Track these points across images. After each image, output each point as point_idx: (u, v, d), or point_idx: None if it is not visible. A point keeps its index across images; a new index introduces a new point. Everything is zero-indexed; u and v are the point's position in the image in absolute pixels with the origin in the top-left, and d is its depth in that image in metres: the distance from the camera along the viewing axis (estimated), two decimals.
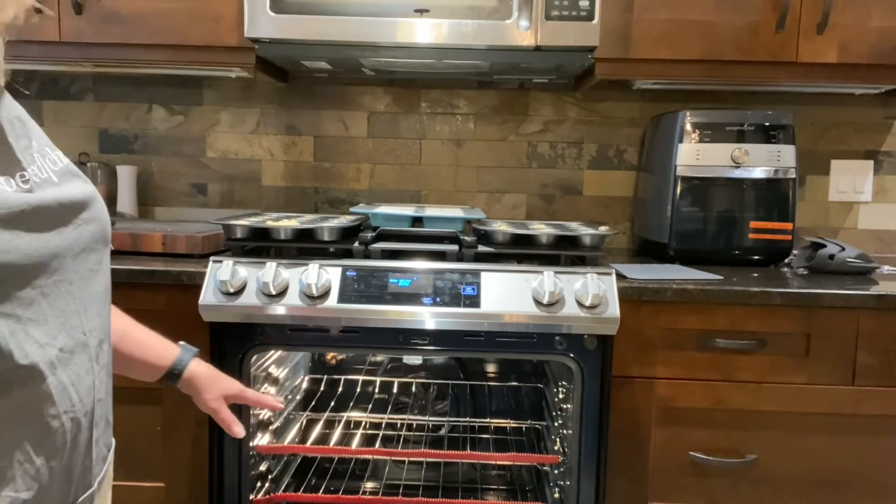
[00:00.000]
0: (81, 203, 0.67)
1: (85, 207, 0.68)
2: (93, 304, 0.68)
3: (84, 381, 0.65)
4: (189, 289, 1.40)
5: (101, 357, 0.69)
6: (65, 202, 0.64)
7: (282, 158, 2.09)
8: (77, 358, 0.64)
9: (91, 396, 0.67)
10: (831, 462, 1.44)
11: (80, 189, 0.68)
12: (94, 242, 0.69)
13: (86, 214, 0.67)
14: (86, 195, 0.68)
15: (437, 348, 1.43)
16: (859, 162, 2.03)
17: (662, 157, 1.80)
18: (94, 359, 0.67)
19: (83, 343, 0.65)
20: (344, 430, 1.84)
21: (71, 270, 0.64)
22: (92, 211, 0.69)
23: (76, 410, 0.63)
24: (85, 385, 0.65)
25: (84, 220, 0.67)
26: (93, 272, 0.69)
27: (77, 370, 0.64)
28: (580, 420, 1.42)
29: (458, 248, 1.48)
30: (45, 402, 0.60)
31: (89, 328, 0.67)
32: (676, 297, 1.40)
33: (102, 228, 0.71)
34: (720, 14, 1.64)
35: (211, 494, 1.46)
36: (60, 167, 0.66)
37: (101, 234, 0.71)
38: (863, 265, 1.60)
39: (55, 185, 0.64)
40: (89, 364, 0.66)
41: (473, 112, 2.07)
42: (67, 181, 0.66)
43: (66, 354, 0.62)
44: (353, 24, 1.57)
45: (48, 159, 0.65)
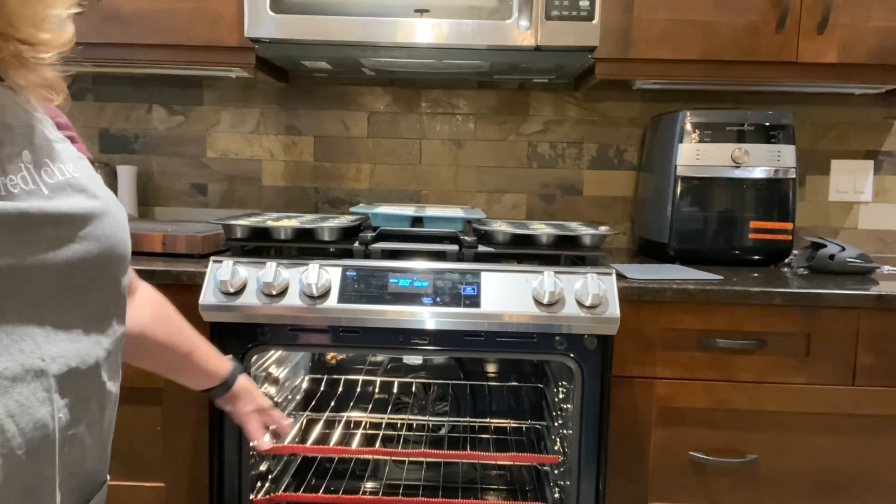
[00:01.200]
0: (73, 218, 0.62)
1: (80, 224, 0.63)
2: (72, 327, 0.62)
3: (32, 413, 0.57)
4: (189, 289, 1.40)
5: (70, 387, 0.61)
6: (46, 216, 0.59)
7: (282, 158, 2.09)
8: (22, 386, 0.56)
9: (44, 431, 0.58)
10: (831, 462, 1.44)
11: (79, 204, 0.63)
12: (88, 262, 0.63)
13: (82, 231, 0.63)
14: (85, 211, 0.63)
15: (437, 348, 1.43)
16: (859, 162, 2.03)
17: (662, 157, 1.80)
18: (53, 389, 0.59)
19: (37, 370, 0.58)
20: (344, 430, 1.84)
21: (37, 289, 0.58)
22: (92, 228, 0.64)
23: (11, 445, 0.55)
24: (33, 417, 0.57)
25: (77, 236, 0.62)
26: (81, 293, 0.63)
27: (20, 400, 0.56)
28: (580, 420, 1.42)
29: (459, 248, 1.48)
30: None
31: (51, 354, 0.59)
32: (676, 297, 1.40)
33: (106, 249, 0.66)
34: (720, 14, 1.64)
35: (211, 494, 1.46)
36: (58, 181, 0.62)
37: (101, 254, 0.65)
38: (863, 265, 1.60)
39: (42, 198, 0.60)
40: (45, 394, 0.58)
41: (473, 112, 2.07)
42: (64, 195, 0.62)
43: (6, 381, 0.55)
44: (353, 24, 1.57)
45: (44, 171, 0.61)
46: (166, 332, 0.97)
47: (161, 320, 0.97)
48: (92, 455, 0.67)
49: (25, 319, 0.57)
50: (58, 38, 0.63)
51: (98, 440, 0.68)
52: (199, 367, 1.05)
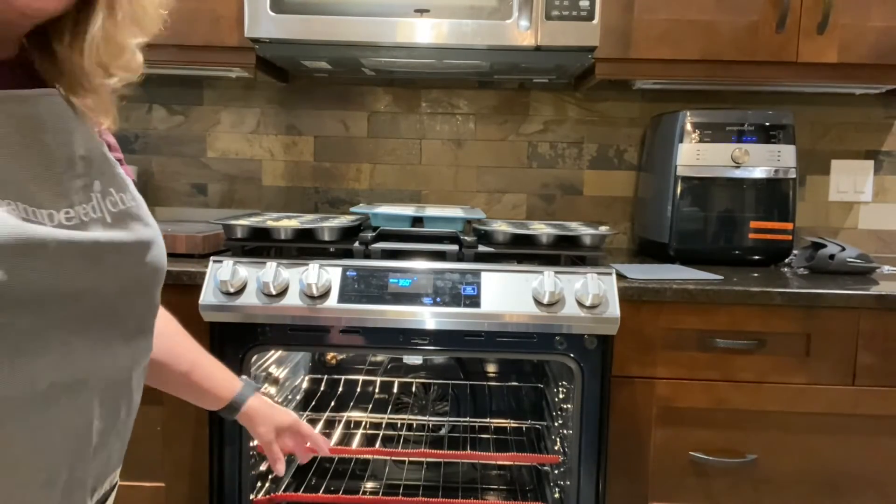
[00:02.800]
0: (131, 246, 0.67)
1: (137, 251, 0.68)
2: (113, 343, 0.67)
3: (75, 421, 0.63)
4: (189, 289, 1.40)
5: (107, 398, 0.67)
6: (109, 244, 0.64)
7: (282, 158, 2.09)
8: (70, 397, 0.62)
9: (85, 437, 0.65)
10: (831, 462, 1.44)
11: (137, 234, 0.68)
12: (139, 285, 0.69)
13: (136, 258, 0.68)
14: (142, 240, 0.68)
15: (437, 348, 1.43)
16: (859, 162, 2.03)
17: (663, 157, 1.80)
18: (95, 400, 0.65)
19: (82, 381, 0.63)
20: (344, 430, 1.84)
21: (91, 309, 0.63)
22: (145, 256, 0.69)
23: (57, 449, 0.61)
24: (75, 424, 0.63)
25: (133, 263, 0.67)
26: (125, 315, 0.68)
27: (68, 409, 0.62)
28: (580, 420, 1.42)
29: (459, 248, 1.48)
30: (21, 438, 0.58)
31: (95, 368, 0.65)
32: (677, 297, 1.40)
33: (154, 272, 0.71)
34: (720, 14, 1.64)
35: (211, 494, 1.46)
36: (120, 210, 0.67)
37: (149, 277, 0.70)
38: (863, 265, 1.60)
39: (107, 226, 0.64)
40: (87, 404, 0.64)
41: (473, 112, 2.07)
42: (123, 224, 0.66)
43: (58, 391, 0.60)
44: (353, 24, 1.57)
45: (108, 199, 0.66)
46: (165, 348, 0.94)
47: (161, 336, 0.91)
48: (115, 458, 0.72)
49: (78, 336, 0.62)
50: (129, 67, 0.69)
51: (121, 444, 0.72)
52: (200, 387, 1.03)
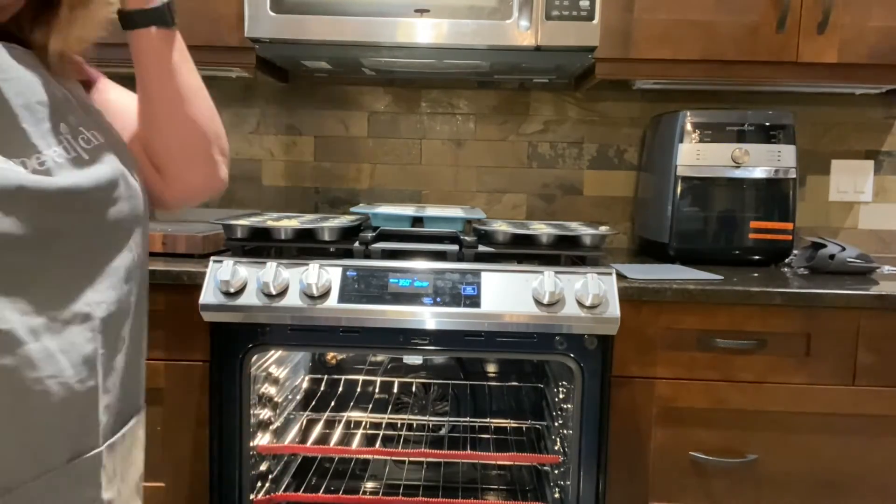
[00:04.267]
0: (107, 182, 0.71)
1: (112, 187, 0.72)
2: (108, 277, 0.72)
3: (80, 350, 0.68)
4: (189, 289, 1.40)
5: (112, 330, 0.73)
6: (86, 183, 0.68)
7: (282, 158, 2.09)
8: (72, 328, 0.67)
9: (90, 365, 0.69)
10: (831, 462, 1.44)
11: (109, 168, 0.72)
12: (119, 220, 0.73)
13: (114, 193, 0.72)
14: (114, 174, 0.72)
15: (437, 348, 1.43)
16: (860, 162, 2.03)
17: (663, 157, 1.80)
18: (98, 329, 0.70)
19: (84, 314, 0.69)
20: (344, 430, 1.84)
21: (81, 245, 0.69)
22: (121, 190, 0.73)
23: (66, 377, 0.66)
24: (81, 353, 0.68)
25: (111, 199, 0.72)
26: (114, 248, 0.73)
27: (71, 338, 0.67)
28: (580, 420, 1.42)
29: (459, 248, 1.48)
30: (25, 367, 0.63)
31: (96, 300, 0.70)
32: (677, 297, 1.40)
33: (133, 207, 0.75)
34: (720, 14, 1.64)
35: (211, 494, 1.46)
36: (94, 146, 0.71)
37: (129, 213, 0.74)
38: (863, 265, 1.60)
39: (82, 165, 0.68)
40: (90, 334, 0.69)
41: (473, 112, 2.07)
42: (98, 160, 0.70)
43: (58, 324, 0.66)
44: (353, 24, 1.57)
45: (81, 138, 0.70)
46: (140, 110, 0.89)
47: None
48: (128, 380, 0.78)
49: (74, 273, 0.68)
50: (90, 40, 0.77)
51: (133, 367, 0.79)
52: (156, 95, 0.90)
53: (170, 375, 1.44)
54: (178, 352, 1.44)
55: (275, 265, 1.37)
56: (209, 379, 1.43)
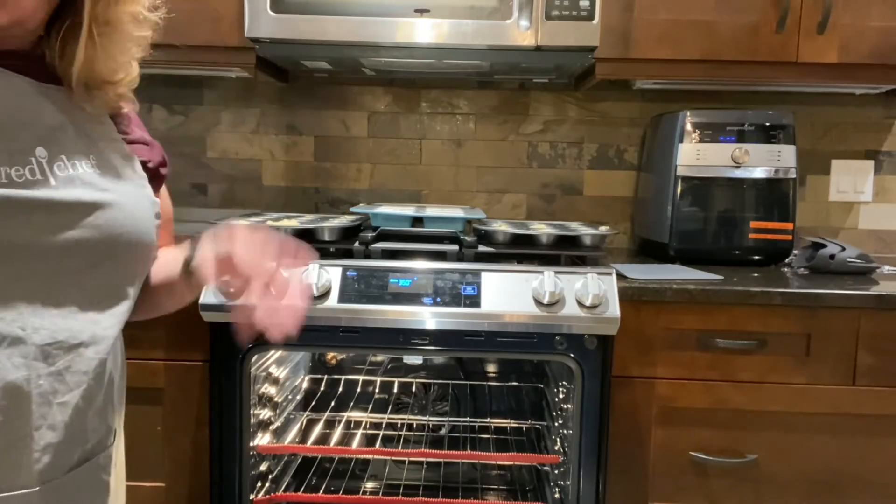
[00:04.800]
0: (71, 206, 0.69)
1: (80, 213, 0.70)
2: (68, 303, 0.69)
3: (4, 375, 0.65)
4: None
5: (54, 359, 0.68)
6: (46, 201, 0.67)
7: (282, 158, 2.09)
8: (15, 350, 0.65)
9: (17, 393, 0.66)
10: (831, 462, 1.44)
11: (81, 195, 0.71)
12: (86, 247, 0.71)
13: (82, 220, 0.70)
14: (86, 201, 0.71)
15: (437, 348, 1.43)
16: (860, 162, 2.03)
17: (663, 157, 1.80)
18: (34, 356, 0.67)
19: (14, 337, 0.66)
20: (344, 430, 1.84)
21: (28, 267, 0.67)
22: (92, 218, 0.71)
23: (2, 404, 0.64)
24: (4, 378, 0.65)
25: (76, 224, 0.70)
26: (75, 275, 0.70)
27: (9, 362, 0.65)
28: (580, 420, 1.42)
29: (459, 248, 1.48)
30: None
31: (34, 326, 0.67)
32: (677, 297, 1.40)
33: (107, 237, 0.72)
34: (720, 14, 1.64)
35: (211, 494, 1.46)
36: (68, 174, 0.70)
37: (102, 241, 0.72)
38: (863, 265, 1.60)
39: (44, 187, 0.68)
40: (21, 360, 0.66)
41: (473, 112, 2.07)
42: (70, 187, 0.70)
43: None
44: (353, 24, 1.57)
45: (56, 165, 0.70)
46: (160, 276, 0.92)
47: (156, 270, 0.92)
48: (89, 421, 0.73)
49: (11, 293, 0.66)
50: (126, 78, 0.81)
51: (97, 407, 0.74)
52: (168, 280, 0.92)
53: (170, 375, 1.44)
54: (178, 352, 1.44)
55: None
56: (209, 379, 1.43)
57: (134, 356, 1.10)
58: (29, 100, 0.71)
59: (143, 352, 1.41)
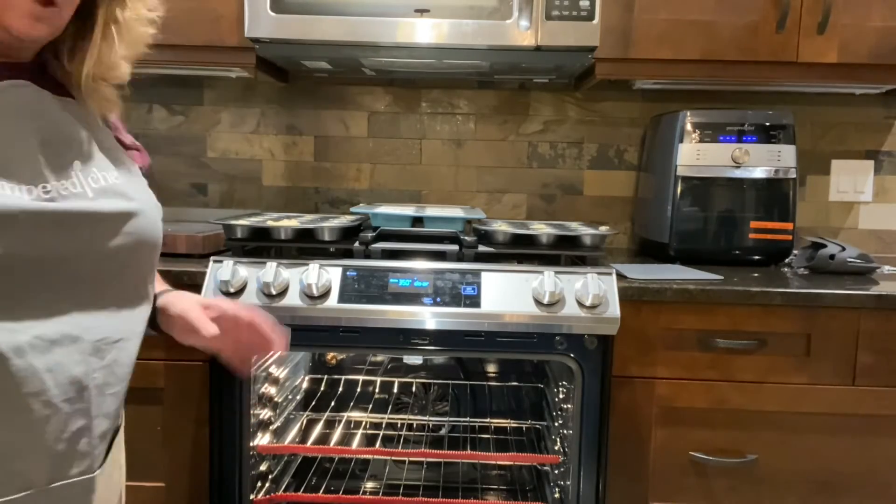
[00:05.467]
0: (110, 216, 0.76)
1: (116, 221, 0.76)
2: (109, 304, 0.76)
3: (68, 370, 0.70)
4: (189, 289, 1.37)
5: (104, 354, 0.75)
6: (84, 213, 0.73)
7: (282, 158, 2.09)
8: (60, 348, 0.70)
9: (79, 386, 0.72)
10: (831, 462, 1.44)
11: (116, 206, 0.77)
12: (122, 252, 0.77)
13: (118, 228, 0.76)
14: (121, 210, 0.77)
15: (437, 348, 1.43)
16: (860, 162, 2.03)
17: (663, 157, 1.80)
18: (89, 352, 0.73)
19: (73, 336, 0.71)
20: (344, 430, 1.84)
21: (77, 273, 0.72)
22: (126, 226, 0.77)
23: (49, 395, 0.69)
24: (68, 374, 0.70)
25: (114, 232, 0.76)
26: (112, 279, 0.77)
27: (58, 359, 0.70)
28: (580, 420, 1.42)
29: (459, 248, 1.48)
30: (8, 383, 0.66)
31: (88, 325, 0.73)
32: (677, 297, 1.40)
33: (138, 241, 0.79)
34: (720, 14, 1.64)
35: (211, 494, 1.46)
36: (101, 186, 0.76)
37: (134, 246, 0.79)
38: (863, 265, 1.60)
39: (85, 199, 0.73)
40: (80, 356, 0.72)
41: (473, 112, 2.07)
42: (104, 198, 0.75)
43: (45, 343, 0.68)
44: (353, 24, 1.57)
45: (91, 177, 0.75)
46: None
47: None
48: (119, 405, 0.81)
49: (64, 298, 0.71)
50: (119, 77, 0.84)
51: (124, 393, 0.82)
52: None
53: (170, 375, 1.44)
54: (178, 352, 1.42)
55: (275, 265, 1.37)
56: (209, 379, 1.43)
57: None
58: (60, 114, 0.76)
59: (144, 352, 1.39)
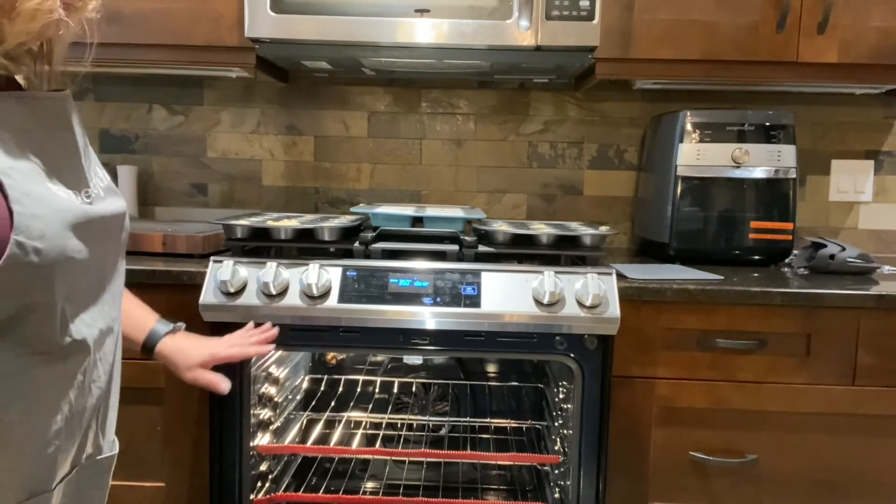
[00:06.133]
0: (119, 216, 0.81)
1: (122, 220, 0.82)
2: (118, 297, 0.83)
3: (109, 359, 0.80)
4: (189, 289, 1.40)
5: (119, 341, 0.84)
6: (109, 215, 0.78)
7: (282, 158, 2.09)
8: (108, 339, 0.79)
9: (111, 373, 0.81)
10: (831, 462, 1.44)
11: (119, 204, 0.82)
12: (122, 248, 0.84)
13: (123, 224, 0.83)
14: (121, 209, 0.82)
15: (437, 348, 1.43)
16: (860, 162, 2.03)
17: (663, 156, 1.80)
18: (117, 342, 0.82)
19: (111, 328, 0.80)
20: (344, 430, 1.84)
21: (110, 270, 0.80)
22: (125, 222, 0.84)
23: (101, 382, 0.78)
24: (109, 362, 0.80)
25: (122, 229, 0.83)
26: (119, 272, 0.84)
27: (105, 350, 0.78)
28: (580, 420, 1.42)
29: (459, 248, 1.48)
30: (87, 371, 0.75)
31: (114, 317, 0.81)
32: (677, 297, 1.40)
33: (127, 236, 0.86)
34: (720, 14, 1.64)
35: (211, 494, 1.46)
36: (105, 185, 0.80)
37: (126, 242, 0.85)
38: (863, 265, 1.60)
39: (103, 200, 0.78)
40: (113, 346, 0.81)
41: (474, 112, 2.07)
42: (110, 197, 0.80)
43: (102, 336, 0.77)
44: (353, 24, 1.57)
45: (97, 177, 0.80)
46: None
47: None
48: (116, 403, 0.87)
49: (104, 291, 0.78)
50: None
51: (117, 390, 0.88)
52: None
53: (170, 375, 1.43)
54: None
55: (275, 265, 1.37)
56: None
57: (134, 356, 1.10)
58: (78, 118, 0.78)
59: None
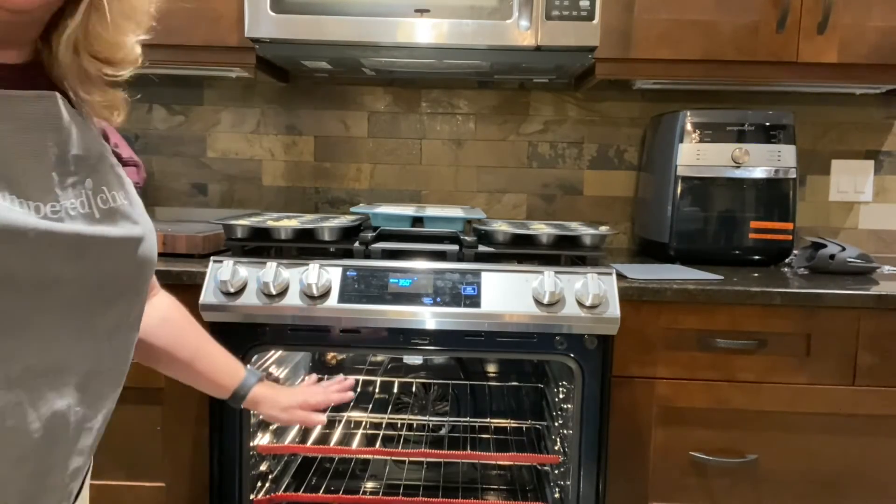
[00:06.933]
0: (116, 241, 0.69)
1: (120, 247, 0.70)
2: (102, 333, 0.69)
3: (51, 404, 0.64)
4: (189, 289, 1.40)
5: (88, 386, 0.69)
6: (92, 237, 0.66)
7: (282, 158, 2.09)
8: (44, 381, 0.64)
9: (62, 421, 0.66)
10: (831, 462, 1.44)
11: (123, 231, 0.70)
12: (121, 278, 0.70)
13: (120, 253, 0.70)
14: (127, 236, 0.70)
15: (437, 348, 1.43)
16: (860, 162, 2.03)
17: (663, 157, 1.80)
18: (75, 385, 0.67)
19: (63, 368, 0.66)
20: (344, 430, 1.84)
21: (72, 299, 0.65)
22: (130, 251, 0.71)
23: (30, 429, 0.63)
24: (51, 408, 0.64)
25: (116, 257, 0.69)
26: (107, 306, 0.70)
27: (42, 392, 0.64)
28: (580, 420, 1.42)
29: (459, 248, 1.48)
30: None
31: (76, 355, 0.67)
32: (677, 297, 1.40)
33: (138, 267, 0.73)
34: (720, 14, 1.64)
35: (211, 494, 1.46)
36: (109, 207, 0.69)
37: (133, 272, 0.72)
38: (863, 265, 1.60)
39: (92, 221, 0.67)
40: (65, 389, 0.66)
41: (474, 112, 2.07)
42: (111, 221, 0.69)
43: (34, 374, 0.63)
44: (353, 24, 1.57)
45: (99, 197, 0.69)
46: (167, 337, 0.98)
47: (165, 324, 0.98)
48: (95, 440, 0.74)
49: (57, 325, 0.64)
50: (128, 58, 0.73)
51: (99, 428, 0.74)
52: (203, 376, 1.05)
53: None
54: None
55: (275, 265, 1.37)
56: None
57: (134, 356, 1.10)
58: (81, 129, 0.69)
59: None
